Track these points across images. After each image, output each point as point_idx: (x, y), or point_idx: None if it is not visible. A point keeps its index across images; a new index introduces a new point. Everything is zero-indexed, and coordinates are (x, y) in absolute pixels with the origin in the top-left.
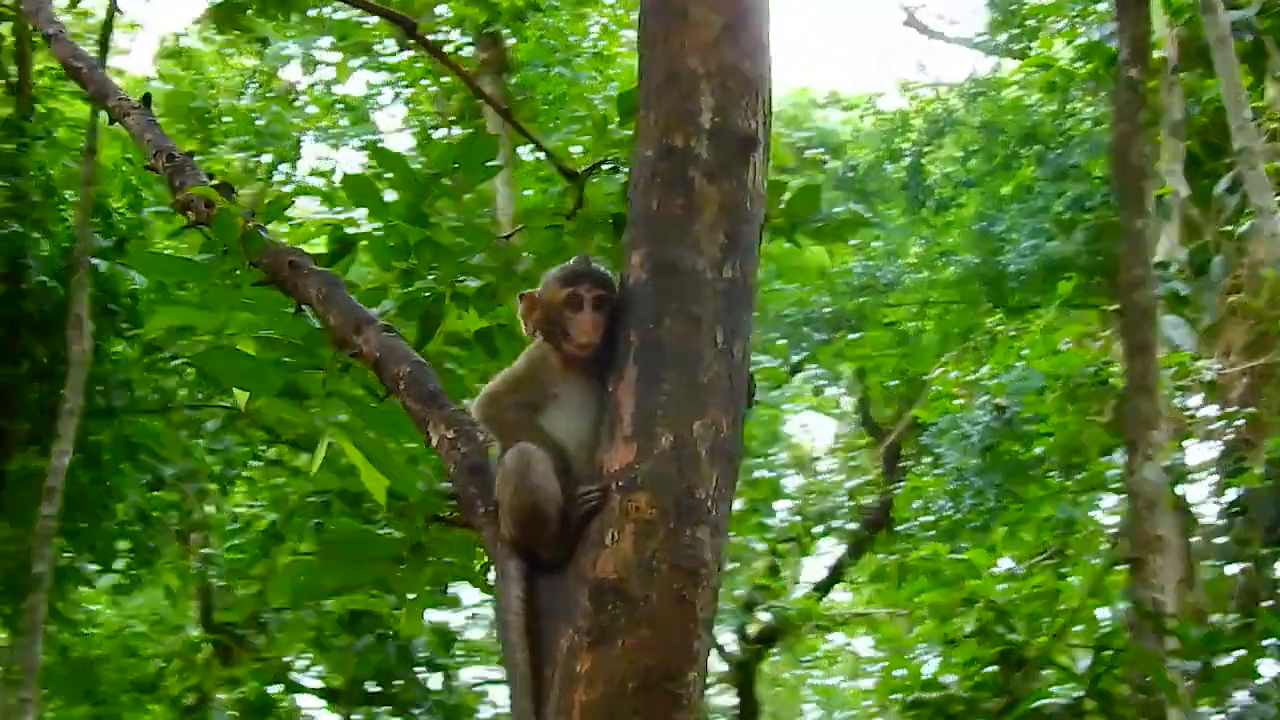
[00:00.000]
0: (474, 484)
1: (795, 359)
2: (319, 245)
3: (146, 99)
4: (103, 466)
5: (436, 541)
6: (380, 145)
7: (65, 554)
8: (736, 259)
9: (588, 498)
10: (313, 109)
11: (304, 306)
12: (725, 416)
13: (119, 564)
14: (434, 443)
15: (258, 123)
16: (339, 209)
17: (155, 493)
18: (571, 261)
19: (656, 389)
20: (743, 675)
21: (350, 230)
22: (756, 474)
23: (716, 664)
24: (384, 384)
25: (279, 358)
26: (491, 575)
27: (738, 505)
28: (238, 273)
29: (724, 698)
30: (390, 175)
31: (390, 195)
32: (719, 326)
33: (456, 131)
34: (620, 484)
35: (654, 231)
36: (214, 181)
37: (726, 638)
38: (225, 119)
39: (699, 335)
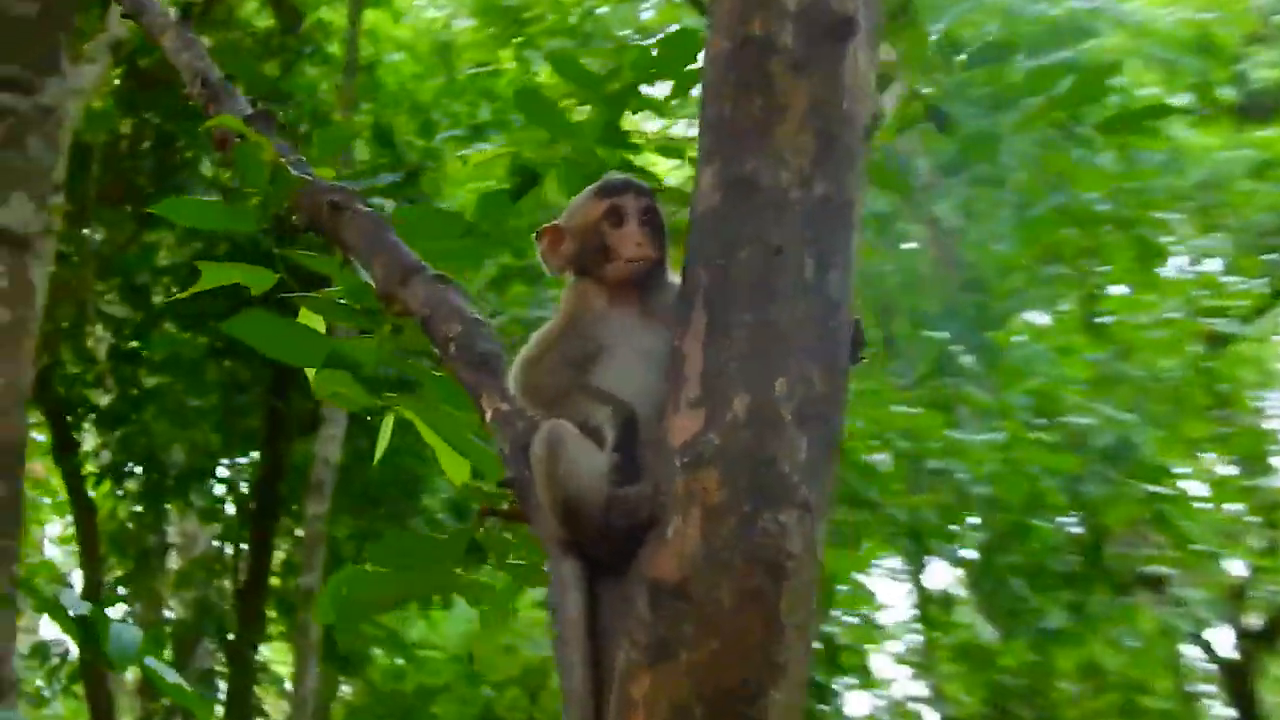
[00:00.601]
0: (529, 467)
1: None
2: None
3: (185, 12)
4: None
5: (496, 540)
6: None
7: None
8: (830, 171)
9: (627, 502)
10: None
11: (350, 258)
12: (817, 369)
13: None
14: (488, 418)
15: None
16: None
17: None
18: (605, 177)
19: (729, 339)
20: (1239, 680)
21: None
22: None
23: (1205, 666)
24: (435, 347)
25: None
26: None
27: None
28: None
29: (1217, 708)
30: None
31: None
32: (808, 256)
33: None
34: (684, 460)
35: (727, 141)
36: (252, 110)
37: (1217, 634)
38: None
39: (782, 268)
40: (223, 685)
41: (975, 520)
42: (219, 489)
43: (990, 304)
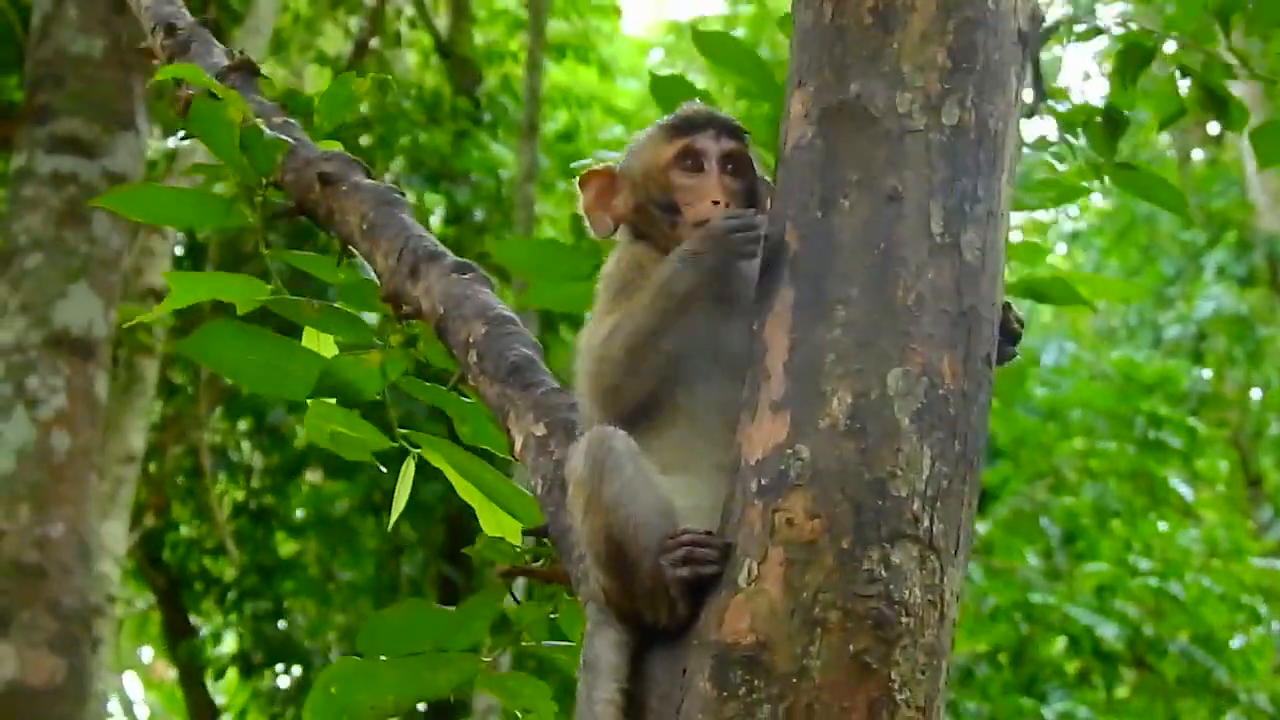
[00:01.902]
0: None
1: None
2: None
3: None
4: None
5: (532, 613)
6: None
7: None
8: (968, 93)
9: (693, 545)
10: None
11: (350, 248)
12: (948, 357)
13: None
14: (517, 446)
15: None
16: None
17: None
18: (680, 109)
19: (826, 320)
20: None
21: None
22: None
23: None
24: (454, 356)
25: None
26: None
27: None
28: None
29: None
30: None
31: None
32: (935, 206)
33: None
34: (762, 482)
35: (827, 57)
36: (230, 62)
37: None
38: None
39: (899, 223)
40: None
41: None
42: None
43: None
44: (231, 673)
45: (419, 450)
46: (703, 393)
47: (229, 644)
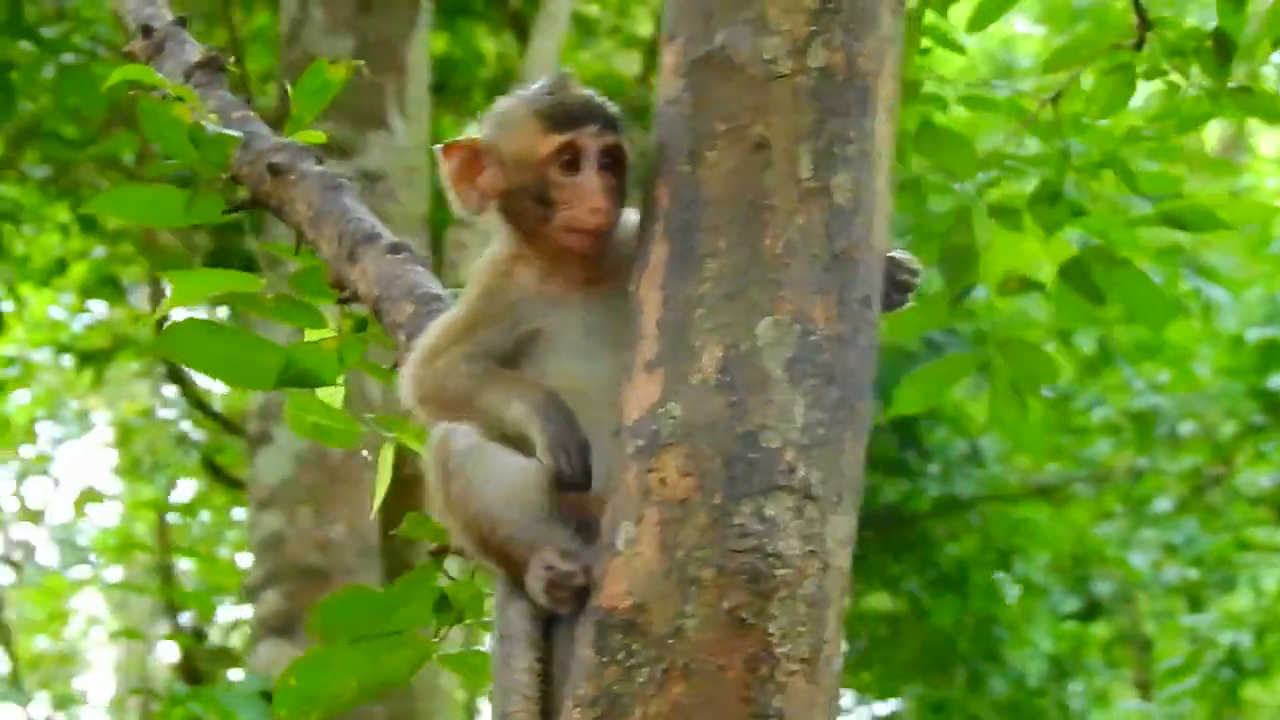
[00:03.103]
0: None
1: None
2: None
3: None
4: None
5: (468, 589)
6: None
7: None
8: (835, 34)
9: (540, 582)
10: None
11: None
12: (820, 301)
13: None
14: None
15: None
16: None
17: None
18: (547, 84)
19: (697, 275)
20: None
21: None
22: None
23: None
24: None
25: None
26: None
27: None
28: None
29: None
30: None
31: None
32: (803, 151)
33: None
34: (637, 444)
35: (696, 7)
36: (203, 55)
37: None
38: None
39: (767, 171)
40: None
41: None
42: None
43: None
44: None
45: (394, 436)
46: (567, 365)
47: None
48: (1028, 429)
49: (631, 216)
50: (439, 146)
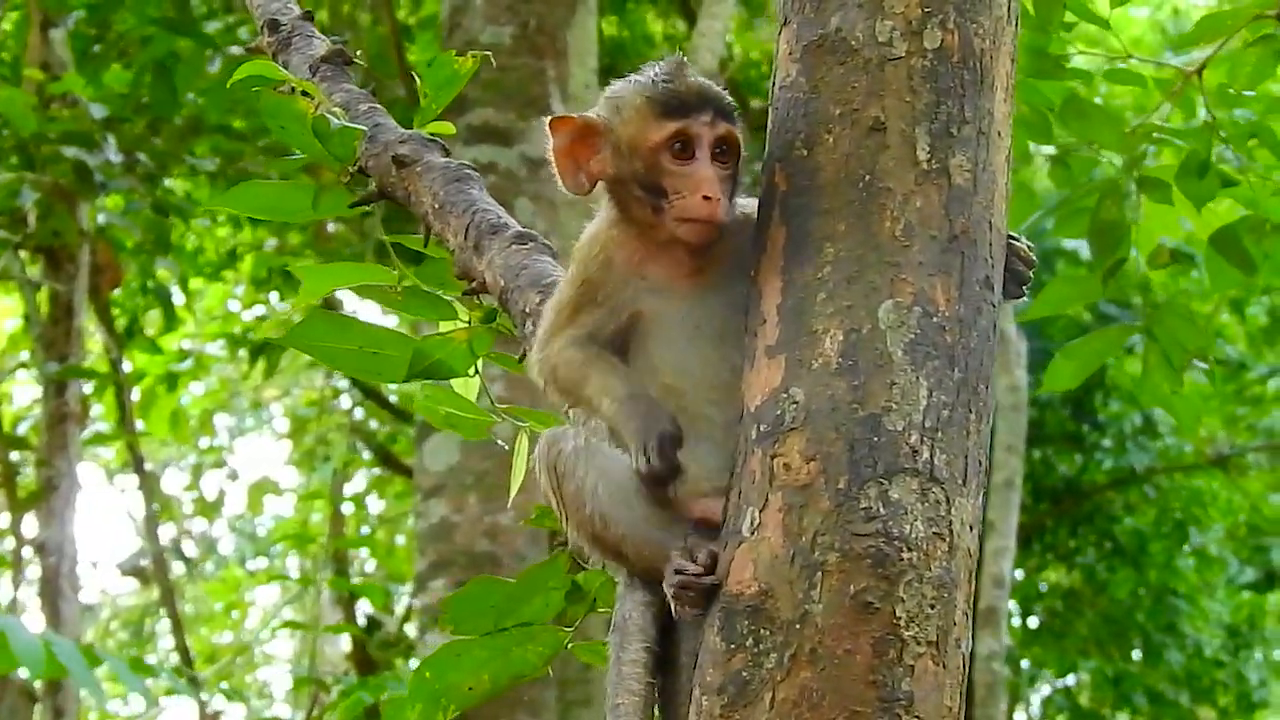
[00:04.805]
0: None
1: None
2: None
3: None
4: None
5: (593, 575)
6: None
7: None
8: (949, 15)
9: (673, 584)
10: None
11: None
12: (940, 283)
13: None
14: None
15: None
16: None
17: None
18: (661, 70)
19: (814, 259)
20: None
21: None
22: None
23: None
24: (516, 328)
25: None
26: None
27: None
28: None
29: None
30: None
31: None
32: (920, 132)
33: None
34: (760, 429)
35: None
36: (328, 49)
37: None
38: None
39: (883, 153)
40: None
41: None
42: None
43: None
44: None
45: (528, 424)
46: (671, 355)
47: None
48: (1182, 401)
49: (748, 211)
50: (547, 120)
